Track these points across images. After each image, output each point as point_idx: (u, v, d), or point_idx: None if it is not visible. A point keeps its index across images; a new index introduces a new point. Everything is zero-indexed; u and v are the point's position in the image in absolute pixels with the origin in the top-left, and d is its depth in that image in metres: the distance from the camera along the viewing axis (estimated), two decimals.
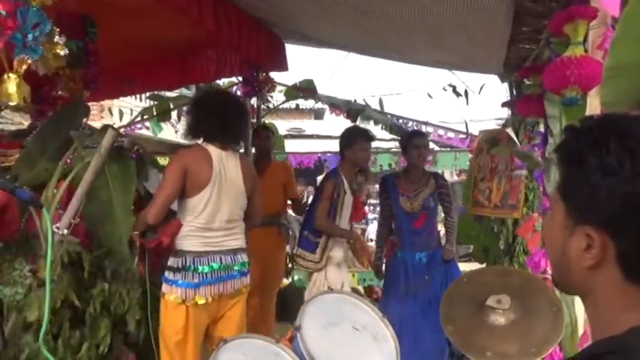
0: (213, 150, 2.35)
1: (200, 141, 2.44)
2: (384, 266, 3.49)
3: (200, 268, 2.27)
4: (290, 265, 5.27)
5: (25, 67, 1.82)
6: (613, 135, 0.65)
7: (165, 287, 2.30)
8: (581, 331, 2.10)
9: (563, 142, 0.72)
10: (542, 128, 3.20)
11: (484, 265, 4.02)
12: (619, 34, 1.38)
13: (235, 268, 2.36)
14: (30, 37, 1.77)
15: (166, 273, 2.32)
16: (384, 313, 3.09)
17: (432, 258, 3.36)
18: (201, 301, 2.26)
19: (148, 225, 2.26)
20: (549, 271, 2.90)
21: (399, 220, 3.32)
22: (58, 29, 1.94)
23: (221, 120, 2.36)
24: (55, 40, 1.93)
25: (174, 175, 2.27)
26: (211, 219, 2.31)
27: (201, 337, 2.36)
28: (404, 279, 3.25)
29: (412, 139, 3.43)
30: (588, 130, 0.68)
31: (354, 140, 3.26)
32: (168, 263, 2.31)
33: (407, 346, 3.10)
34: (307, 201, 4.95)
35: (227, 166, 2.36)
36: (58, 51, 1.96)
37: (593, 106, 1.80)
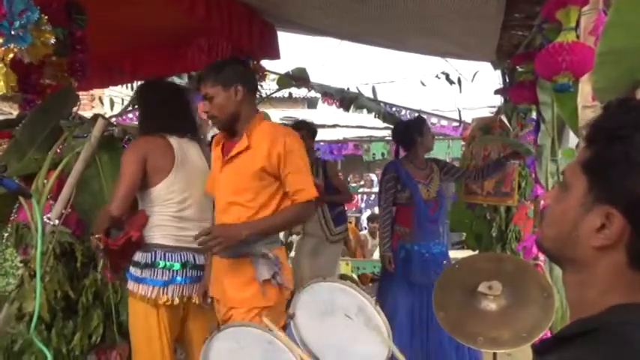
0: (171, 138, 2.22)
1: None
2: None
3: (169, 264, 2.12)
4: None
5: (11, 55, 1.80)
6: None
7: (131, 285, 2.13)
8: None
9: (601, 117, 0.69)
10: (535, 115, 3.20)
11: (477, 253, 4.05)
12: (611, 19, 1.38)
13: None
14: (17, 24, 1.74)
15: (132, 269, 2.14)
16: (394, 304, 3.07)
17: (442, 247, 3.29)
18: (169, 303, 2.10)
19: (113, 218, 2.08)
20: (541, 257, 2.92)
21: (418, 208, 3.17)
22: (45, 17, 1.91)
23: (174, 108, 2.25)
24: (43, 27, 1.91)
25: (132, 164, 2.11)
26: (181, 206, 2.17)
27: (174, 337, 2.20)
28: (418, 269, 3.13)
29: (425, 124, 3.37)
30: (634, 107, 0.66)
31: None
32: (135, 259, 2.14)
33: (419, 337, 3.08)
34: None
35: (189, 153, 2.24)
36: (46, 38, 1.93)
37: (585, 92, 1.80)
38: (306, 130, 3.69)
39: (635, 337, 0.60)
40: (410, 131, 3.28)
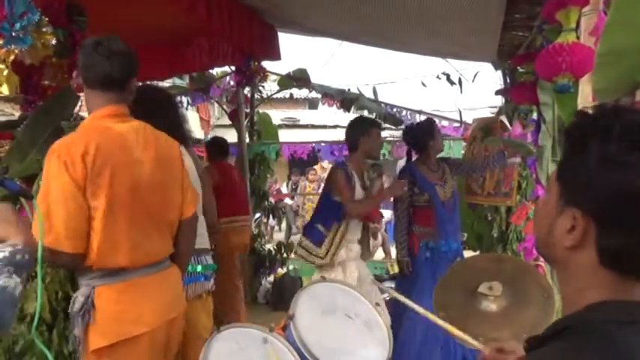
0: None
1: None
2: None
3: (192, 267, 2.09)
4: (285, 255, 5.29)
5: (12, 57, 1.81)
6: (619, 126, 0.65)
7: None
8: None
9: (571, 125, 0.73)
10: (535, 116, 3.21)
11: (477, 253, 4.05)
12: (611, 19, 1.38)
13: (198, 270, 2.20)
14: (17, 26, 1.75)
15: None
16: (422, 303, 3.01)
17: (459, 245, 3.31)
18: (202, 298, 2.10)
19: None
20: (542, 257, 2.92)
21: (437, 210, 3.19)
22: (46, 18, 1.92)
23: (161, 116, 2.14)
24: (44, 29, 1.92)
25: None
26: None
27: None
28: (444, 265, 3.06)
29: (436, 126, 3.35)
30: (597, 116, 0.69)
31: (369, 129, 3.00)
32: None
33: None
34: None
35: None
36: (46, 40, 1.94)
37: (585, 92, 1.80)
38: (377, 127, 3.13)
39: (618, 336, 0.62)
40: (422, 135, 3.30)
